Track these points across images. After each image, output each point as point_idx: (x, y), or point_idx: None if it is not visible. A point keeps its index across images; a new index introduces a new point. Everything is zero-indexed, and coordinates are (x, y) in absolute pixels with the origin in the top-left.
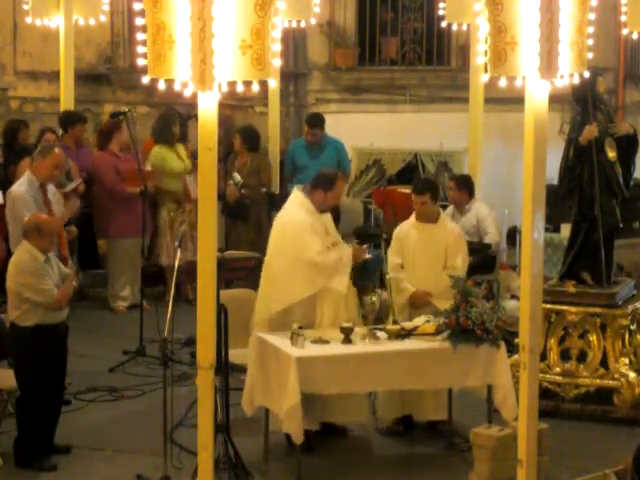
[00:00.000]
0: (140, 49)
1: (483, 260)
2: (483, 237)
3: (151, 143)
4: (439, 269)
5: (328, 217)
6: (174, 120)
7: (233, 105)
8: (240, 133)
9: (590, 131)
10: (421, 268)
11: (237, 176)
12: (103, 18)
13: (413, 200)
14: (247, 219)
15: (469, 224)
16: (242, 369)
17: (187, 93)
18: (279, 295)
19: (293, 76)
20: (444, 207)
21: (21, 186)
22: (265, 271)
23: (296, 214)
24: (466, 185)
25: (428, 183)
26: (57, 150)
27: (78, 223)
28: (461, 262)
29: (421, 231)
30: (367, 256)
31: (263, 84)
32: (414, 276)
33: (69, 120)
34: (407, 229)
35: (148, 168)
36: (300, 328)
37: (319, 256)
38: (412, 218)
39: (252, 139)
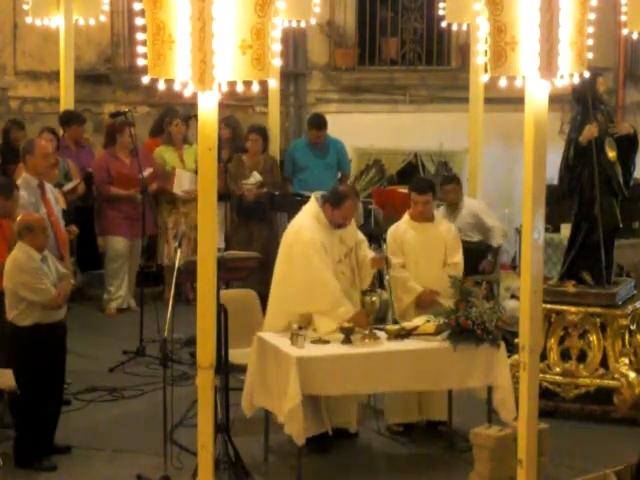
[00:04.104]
0: (140, 49)
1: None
2: (488, 235)
3: (152, 143)
4: (440, 267)
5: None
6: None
7: (233, 105)
8: (260, 133)
9: (590, 131)
10: (424, 267)
11: (257, 175)
12: (103, 18)
13: (414, 200)
14: (263, 218)
15: (463, 221)
16: (242, 369)
17: (187, 93)
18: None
19: (293, 76)
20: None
21: (19, 190)
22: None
23: (306, 229)
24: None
25: (429, 183)
26: (40, 141)
27: (77, 222)
28: (460, 259)
29: (420, 230)
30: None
31: (263, 84)
32: (417, 275)
33: (67, 120)
34: (404, 229)
35: (149, 170)
36: (300, 328)
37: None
38: (406, 217)
39: (267, 139)
